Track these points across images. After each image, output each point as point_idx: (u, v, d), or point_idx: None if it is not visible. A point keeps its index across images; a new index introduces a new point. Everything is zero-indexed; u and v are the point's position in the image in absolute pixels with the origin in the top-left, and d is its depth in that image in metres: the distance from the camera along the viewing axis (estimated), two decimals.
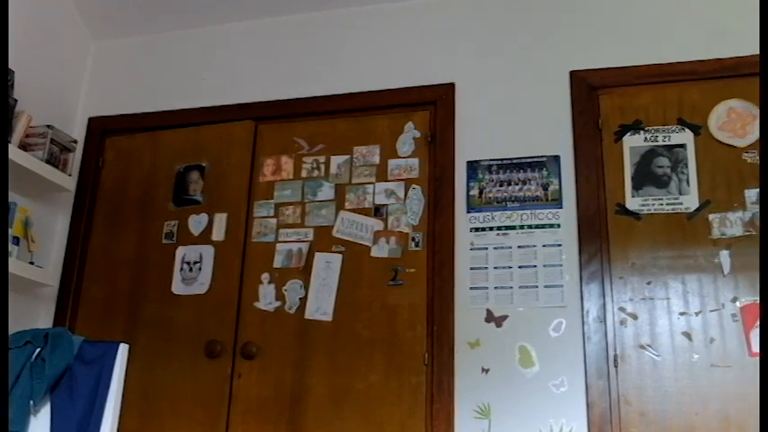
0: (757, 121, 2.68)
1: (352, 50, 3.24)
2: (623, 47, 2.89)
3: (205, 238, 3.10)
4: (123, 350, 2.24)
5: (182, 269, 3.09)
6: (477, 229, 2.83)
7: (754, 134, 2.67)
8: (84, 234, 3.29)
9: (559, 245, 2.73)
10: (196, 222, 3.14)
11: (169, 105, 3.39)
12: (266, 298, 2.97)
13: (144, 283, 3.13)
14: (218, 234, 3.09)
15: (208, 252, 3.07)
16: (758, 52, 2.72)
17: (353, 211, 2.99)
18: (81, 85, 3.54)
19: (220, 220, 3.11)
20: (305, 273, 2.96)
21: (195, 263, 3.07)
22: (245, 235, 3.07)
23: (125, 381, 2.23)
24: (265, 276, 3.00)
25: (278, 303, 2.95)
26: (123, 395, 2.23)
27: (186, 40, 3.51)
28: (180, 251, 3.12)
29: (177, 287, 3.07)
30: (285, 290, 2.96)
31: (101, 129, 3.45)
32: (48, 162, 3.02)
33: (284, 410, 2.81)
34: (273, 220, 3.08)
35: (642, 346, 2.56)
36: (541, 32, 3.01)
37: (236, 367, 2.90)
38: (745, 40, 2.76)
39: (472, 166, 2.91)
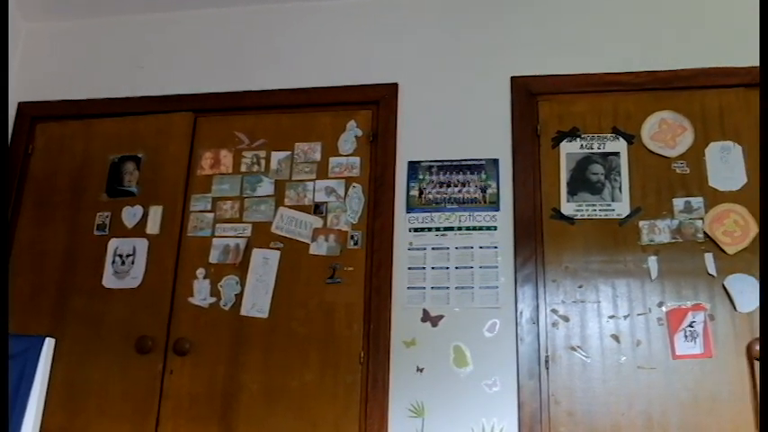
0: (686, 133, 2.78)
1: (297, 46, 3.21)
2: (564, 55, 2.96)
3: (139, 230, 3.03)
4: (49, 345, 2.16)
5: (114, 262, 3.00)
6: (416, 230, 2.85)
7: (683, 145, 2.77)
8: (10, 223, 3.16)
9: (496, 247, 2.77)
10: (130, 214, 3.06)
11: (105, 93, 3.30)
12: (201, 293, 2.92)
13: (73, 275, 3.03)
14: (152, 227, 3.02)
15: (141, 245, 3.00)
16: (691, 67, 2.84)
17: (293, 207, 2.97)
18: (11, 69, 3.40)
19: (155, 212, 3.04)
20: (241, 269, 2.92)
21: (128, 256, 3.00)
22: (180, 229, 3.02)
23: (50, 377, 2.16)
24: (201, 271, 2.95)
25: (213, 299, 2.91)
26: (48, 392, 2.15)
27: (125, 27, 3.42)
28: (112, 243, 3.04)
29: (108, 280, 2.99)
30: (221, 286, 2.92)
31: (31, 114, 3.33)
32: None
33: (216, 408, 2.77)
34: (210, 215, 3.03)
35: (573, 348, 2.63)
36: (485, 37, 3.06)
37: (168, 363, 2.85)
38: (679, 54, 2.87)
39: (413, 167, 2.93)
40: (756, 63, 2.77)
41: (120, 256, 3.01)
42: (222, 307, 2.89)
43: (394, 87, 3.04)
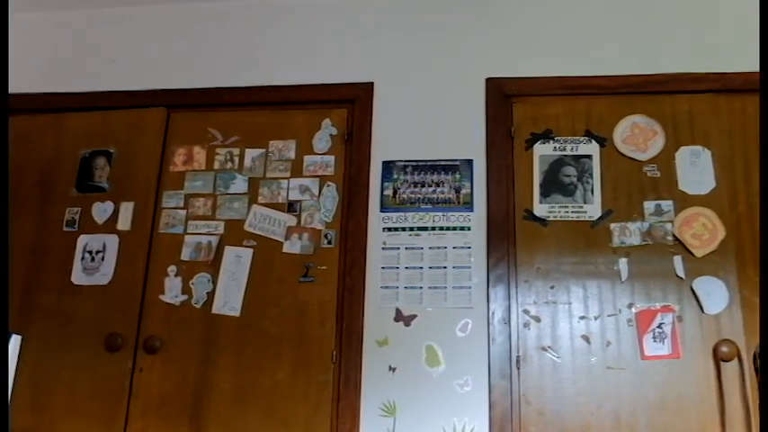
0: (657, 137, 2.82)
1: (273, 43, 3.20)
2: (538, 58, 2.99)
3: (109, 226, 2.99)
4: (15, 342, 2.13)
5: (83, 258, 2.96)
6: (389, 229, 2.85)
7: (654, 149, 2.81)
8: None
9: (469, 247, 2.78)
10: (100, 210, 3.02)
11: (76, 87, 3.25)
12: (172, 291, 2.89)
13: (41, 271, 2.98)
14: (123, 223, 2.98)
15: (112, 241, 2.96)
16: (663, 72, 2.88)
17: (267, 205, 2.96)
18: None
19: (126, 208, 3.00)
20: (214, 266, 2.90)
21: (98, 252, 2.96)
22: (152, 225, 2.98)
23: (17, 374, 2.12)
24: (172, 269, 2.92)
25: (184, 297, 2.88)
26: (14, 389, 2.12)
27: (98, 20, 3.37)
28: (82, 240, 2.99)
29: (78, 277, 2.94)
30: (192, 283, 2.89)
31: None
32: None
33: (186, 406, 2.75)
34: (183, 212, 3.00)
35: (544, 348, 2.65)
36: (461, 38, 3.07)
37: (138, 361, 2.81)
38: (651, 59, 2.91)
39: (387, 167, 2.93)
40: (726, 70, 2.83)
41: (90, 252, 2.97)
42: (194, 305, 2.87)
43: (369, 86, 3.04)
